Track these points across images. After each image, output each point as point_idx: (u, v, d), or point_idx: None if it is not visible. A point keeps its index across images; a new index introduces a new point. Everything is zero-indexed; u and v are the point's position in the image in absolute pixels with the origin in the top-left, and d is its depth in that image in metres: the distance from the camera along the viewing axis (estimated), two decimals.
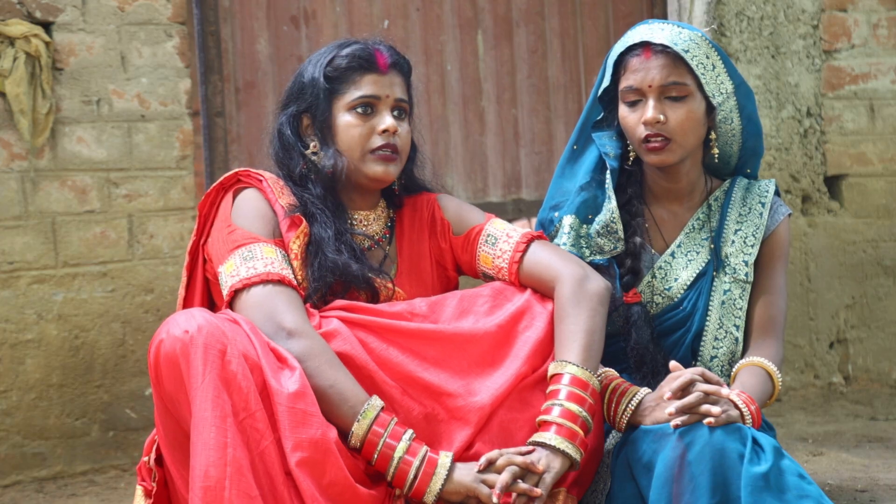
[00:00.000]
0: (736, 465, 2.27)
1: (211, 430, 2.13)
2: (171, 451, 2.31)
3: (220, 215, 2.52)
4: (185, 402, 2.19)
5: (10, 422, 3.67)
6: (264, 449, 2.19)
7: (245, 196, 2.52)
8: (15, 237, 3.67)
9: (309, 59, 2.65)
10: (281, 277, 2.40)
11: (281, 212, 2.50)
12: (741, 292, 2.70)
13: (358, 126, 2.55)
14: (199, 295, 2.56)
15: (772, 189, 2.77)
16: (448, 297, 2.53)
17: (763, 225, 2.72)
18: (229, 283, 2.40)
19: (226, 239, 2.46)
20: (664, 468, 2.31)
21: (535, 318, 2.49)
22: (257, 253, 2.42)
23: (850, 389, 4.44)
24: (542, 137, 4.44)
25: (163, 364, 2.20)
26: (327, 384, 2.29)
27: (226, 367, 2.17)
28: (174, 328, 2.20)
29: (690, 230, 2.74)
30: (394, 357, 2.40)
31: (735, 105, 2.69)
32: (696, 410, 2.34)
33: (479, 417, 2.37)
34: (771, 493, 2.25)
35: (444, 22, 4.34)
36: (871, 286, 4.49)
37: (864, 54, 4.47)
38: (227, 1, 4.08)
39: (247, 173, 2.56)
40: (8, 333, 3.67)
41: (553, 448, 2.33)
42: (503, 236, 2.62)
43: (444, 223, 2.68)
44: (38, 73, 3.63)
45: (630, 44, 2.64)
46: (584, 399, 2.37)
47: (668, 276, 2.71)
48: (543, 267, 2.56)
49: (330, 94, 2.56)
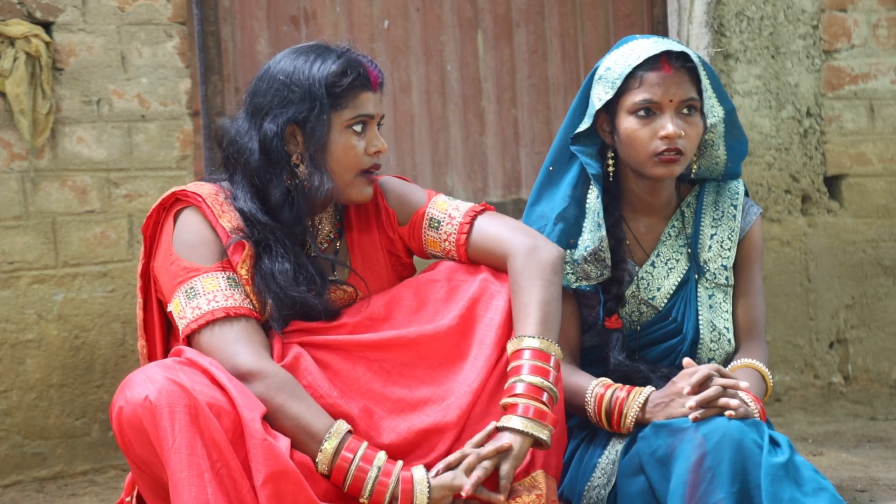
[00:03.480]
0: (755, 455, 2.29)
1: (191, 490, 2.12)
2: (153, 498, 2.30)
3: (163, 241, 2.42)
4: (158, 463, 2.17)
5: (10, 422, 3.67)
6: (243, 496, 2.18)
7: (184, 220, 2.40)
8: (15, 237, 3.67)
9: (285, 61, 2.47)
10: (226, 311, 2.32)
11: (223, 234, 2.39)
12: (724, 295, 2.72)
13: (354, 147, 2.43)
14: (156, 316, 2.49)
15: (741, 190, 2.78)
16: (402, 290, 2.49)
17: (738, 227, 2.74)
18: (181, 327, 2.35)
19: (169, 272, 2.38)
20: (683, 460, 2.32)
21: (493, 297, 2.45)
22: (199, 288, 2.34)
23: (850, 389, 4.45)
24: (542, 137, 4.45)
25: (128, 432, 2.18)
26: (292, 422, 2.26)
27: (193, 423, 2.14)
28: (131, 394, 2.17)
29: (667, 238, 2.75)
30: (362, 375, 2.38)
31: (723, 132, 2.70)
32: (715, 404, 2.37)
33: (457, 423, 2.36)
34: (790, 483, 2.27)
35: (444, 22, 4.34)
36: (870, 286, 4.49)
37: (863, 54, 4.47)
38: (228, 1, 4.08)
39: (184, 193, 2.42)
40: (8, 333, 3.67)
41: (518, 431, 2.30)
42: (445, 218, 2.54)
43: (389, 212, 2.58)
44: (38, 73, 3.63)
45: (645, 57, 2.60)
46: (547, 371, 2.34)
47: (650, 285, 2.72)
48: (491, 242, 2.49)
49: (329, 109, 2.41)
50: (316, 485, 2.24)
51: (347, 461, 2.24)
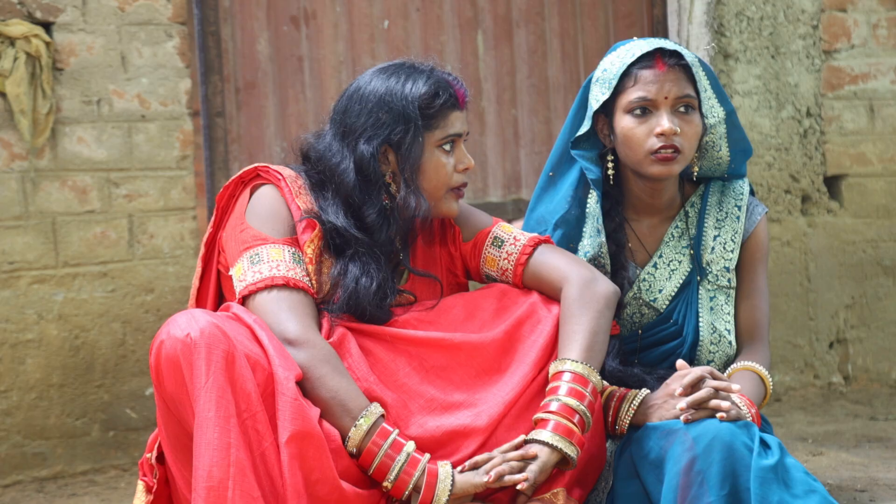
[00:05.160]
0: (745, 458, 2.29)
1: (214, 431, 2.13)
2: (173, 450, 2.31)
3: (236, 211, 2.49)
4: (188, 403, 2.19)
5: (10, 422, 3.67)
6: (265, 450, 2.19)
7: (261, 193, 2.48)
8: (15, 237, 3.67)
9: (376, 81, 2.51)
10: (286, 280, 2.38)
11: (297, 212, 2.46)
12: (726, 297, 2.71)
13: (445, 165, 2.50)
14: (212, 287, 2.55)
15: (746, 189, 2.77)
16: (454, 300, 2.53)
17: (741, 228, 2.73)
18: (238, 289, 2.40)
19: (237, 238, 2.45)
20: (674, 462, 2.32)
21: (540, 321, 2.49)
22: (263, 256, 2.40)
23: (850, 389, 4.45)
24: (542, 137, 4.45)
25: (164, 366, 2.20)
26: (330, 394, 2.29)
27: (229, 368, 2.17)
28: (175, 330, 2.20)
29: (670, 239, 2.74)
30: (401, 368, 2.41)
31: (724, 133, 2.70)
32: (706, 406, 2.37)
33: (486, 430, 2.38)
34: (780, 485, 2.27)
35: (444, 22, 4.34)
36: (870, 286, 4.49)
37: (863, 54, 4.47)
38: (228, 1, 4.08)
39: (266, 169, 2.51)
40: (8, 333, 3.67)
41: (546, 444, 2.33)
42: (510, 239, 2.60)
43: (455, 229, 2.66)
44: (38, 74, 3.63)
45: (639, 54, 2.61)
46: (583, 395, 2.37)
47: (652, 287, 2.71)
48: (550, 269, 2.54)
49: (423, 129, 2.47)
50: (338, 461, 2.26)
51: (378, 445, 2.27)
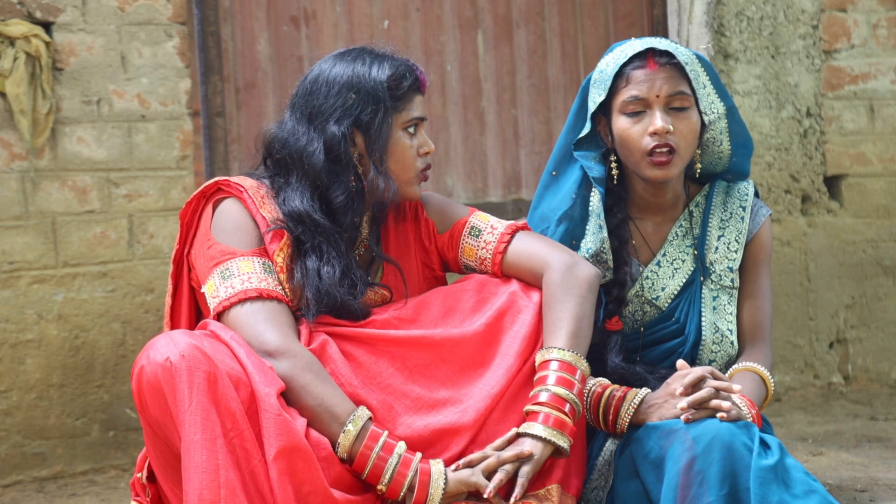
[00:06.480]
0: (745, 458, 2.29)
1: (202, 454, 2.14)
2: (162, 471, 2.32)
3: (202, 228, 2.46)
4: (173, 426, 2.19)
5: (10, 422, 3.67)
6: (254, 468, 2.19)
7: (224, 208, 2.45)
8: (15, 237, 3.67)
9: (339, 66, 2.49)
10: (259, 292, 2.35)
11: (263, 223, 2.43)
12: (729, 297, 2.71)
13: (410, 148, 2.50)
14: (185, 303, 2.53)
15: (751, 191, 2.77)
16: (432, 296, 2.51)
17: (745, 229, 2.73)
18: (212, 306, 2.38)
19: (205, 255, 2.42)
20: (673, 462, 2.32)
21: (521, 311, 2.47)
22: (234, 269, 2.38)
23: (850, 389, 4.45)
24: (542, 137, 4.45)
25: (146, 391, 2.19)
26: (316, 402, 2.28)
27: (211, 389, 2.17)
28: (155, 354, 2.19)
29: (674, 238, 2.74)
30: (385, 369, 2.40)
31: (725, 128, 2.70)
32: (707, 405, 2.37)
33: (473, 425, 2.37)
34: (779, 485, 2.27)
35: (444, 22, 4.34)
36: (870, 286, 4.49)
37: (863, 54, 4.47)
38: (227, 1, 4.08)
39: (227, 182, 2.48)
40: (8, 333, 3.67)
41: (539, 438, 2.32)
42: (487, 228, 2.59)
43: (428, 223, 2.64)
44: (38, 74, 3.63)
45: (631, 55, 2.62)
46: (571, 383, 2.36)
47: (654, 285, 2.71)
48: (529, 256, 2.53)
49: (391, 111, 2.48)
50: (328, 469, 2.25)
51: (370, 448, 2.27)
